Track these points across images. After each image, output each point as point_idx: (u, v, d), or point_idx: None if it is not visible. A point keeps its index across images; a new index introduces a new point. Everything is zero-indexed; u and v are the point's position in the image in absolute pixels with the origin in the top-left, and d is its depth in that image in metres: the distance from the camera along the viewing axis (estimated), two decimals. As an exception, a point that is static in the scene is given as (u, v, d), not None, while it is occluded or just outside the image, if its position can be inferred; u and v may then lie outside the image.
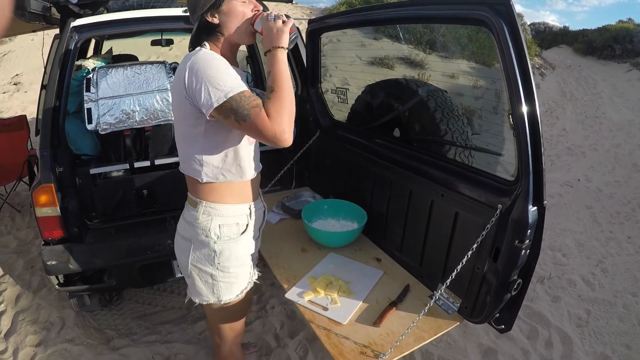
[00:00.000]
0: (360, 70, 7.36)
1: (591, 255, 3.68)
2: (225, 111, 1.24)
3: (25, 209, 4.22)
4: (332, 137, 2.60)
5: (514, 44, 1.36)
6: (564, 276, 3.31)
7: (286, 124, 1.25)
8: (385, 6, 1.86)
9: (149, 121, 2.41)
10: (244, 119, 1.23)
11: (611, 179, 5.63)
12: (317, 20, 2.36)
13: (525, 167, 1.38)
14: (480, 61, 8.40)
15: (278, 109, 1.25)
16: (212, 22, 1.37)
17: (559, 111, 9.41)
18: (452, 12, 1.58)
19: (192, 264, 1.51)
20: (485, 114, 2.74)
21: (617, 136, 7.75)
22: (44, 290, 2.96)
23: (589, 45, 17.14)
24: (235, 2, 1.36)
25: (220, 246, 1.48)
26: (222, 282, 1.53)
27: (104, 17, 2.44)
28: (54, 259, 2.23)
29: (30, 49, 9.42)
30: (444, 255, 1.77)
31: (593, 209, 4.67)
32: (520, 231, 1.42)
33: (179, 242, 1.57)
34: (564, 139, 7.49)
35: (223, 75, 1.26)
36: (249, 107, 1.23)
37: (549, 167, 6.00)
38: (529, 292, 2.97)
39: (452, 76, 5.77)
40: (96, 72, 2.42)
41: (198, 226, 1.47)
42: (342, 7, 14.38)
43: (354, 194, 2.33)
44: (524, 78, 1.36)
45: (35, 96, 7.62)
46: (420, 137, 2.31)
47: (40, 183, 2.18)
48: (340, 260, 2.03)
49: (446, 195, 1.73)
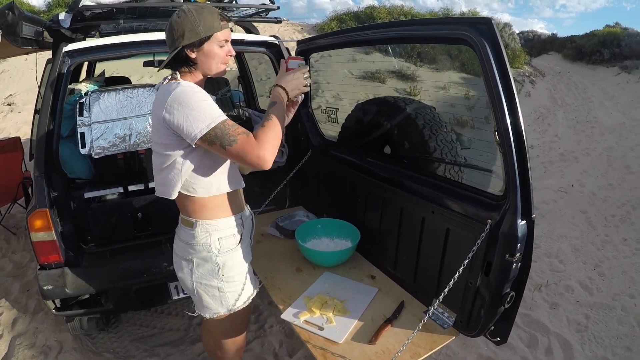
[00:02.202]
0: (352, 85, 7.44)
1: (588, 260, 3.70)
2: (209, 139, 1.35)
3: (20, 232, 4.19)
4: (323, 156, 2.62)
5: (497, 62, 1.39)
6: (561, 282, 3.32)
7: (270, 150, 1.40)
8: (370, 27, 1.90)
9: (142, 144, 2.43)
10: (230, 144, 1.35)
11: (605, 183, 5.67)
12: (306, 41, 2.41)
13: (513, 182, 1.40)
14: (471, 72, 8.50)
15: (268, 137, 1.41)
16: (190, 57, 1.46)
17: (551, 117, 9.49)
18: (436, 33, 1.62)
19: (196, 281, 1.59)
20: (476, 123, 2.78)
21: (608, 139, 7.81)
22: (41, 313, 2.94)
23: (577, 51, 17.37)
24: (215, 45, 1.47)
25: (223, 258, 1.57)
26: (229, 291, 1.62)
27: (96, 41, 2.46)
28: (51, 284, 2.23)
29: (24, 69, 9.43)
30: (437, 270, 1.78)
31: (588, 213, 4.70)
32: (511, 245, 1.44)
33: (179, 264, 1.64)
34: (556, 145, 7.54)
35: (203, 106, 1.36)
36: (234, 134, 1.36)
37: (543, 174, 6.04)
38: (527, 300, 3.00)
39: (443, 87, 5.84)
40: (89, 96, 2.44)
41: (197, 244, 1.55)
42: (333, 23, 14.58)
43: (347, 212, 2.35)
44: (508, 95, 1.38)
45: (29, 117, 7.65)
46: (410, 155, 2.34)
47: (35, 208, 2.18)
48: (335, 279, 2.04)
49: (437, 211, 1.75)
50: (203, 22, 1.42)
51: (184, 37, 1.41)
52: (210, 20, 1.44)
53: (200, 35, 1.42)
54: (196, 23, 1.41)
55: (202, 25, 1.42)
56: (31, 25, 2.51)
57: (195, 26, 1.41)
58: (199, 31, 1.42)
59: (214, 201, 1.55)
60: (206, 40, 1.45)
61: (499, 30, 2.96)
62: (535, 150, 7.14)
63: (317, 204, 2.73)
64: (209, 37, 1.45)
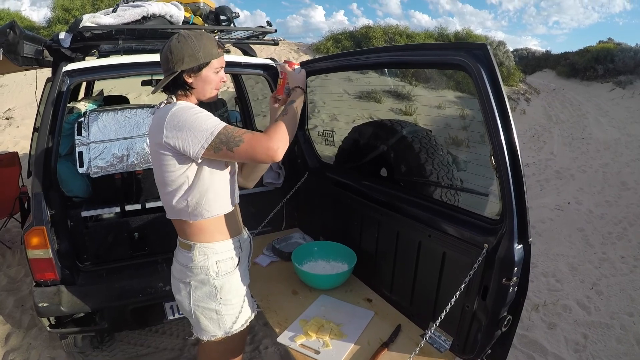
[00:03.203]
0: (348, 105, 7.49)
1: (585, 279, 3.70)
2: (215, 146, 1.38)
3: (15, 246, 4.18)
4: (320, 179, 2.64)
5: (493, 87, 1.41)
6: (558, 302, 3.32)
7: (280, 141, 1.41)
8: (367, 51, 1.92)
9: (140, 165, 2.44)
10: (237, 144, 1.37)
11: (601, 200, 5.70)
12: (303, 64, 2.42)
13: (509, 207, 1.41)
14: (466, 90, 8.57)
15: (279, 129, 1.43)
16: (187, 81, 1.50)
17: (546, 135, 9.56)
18: (432, 58, 1.64)
19: (194, 304, 1.60)
20: (472, 143, 2.79)
21: (604, 156, 7.87)
22: (35, 329, 2.92)
23: (571, 67, 17.57)
24: (211, 71, 1.52)
25: (220, 281, 1.58)
26: (227, 314, 1.62)
27: (96, 62, 2.49)
28: (46, 301, 2.22)
29: (23, 84, 9.48)
30: (433, 294, 1.78)
31: (585, 231, 4.71)
32: (507, 269, 1.44)
33: (177, 286, 1.64)
34: (552, 162, 7.58)
35: (202, 118, 1.40)
36: (239, 135, 1.38)
37: (539, 192, 6.06)
38: (525, 320, 2.99)
39: (438, 107, 5.88)
40: (87, 116, 2.45)
41: (195, 267, 1.56)
42: (329, 42, 14.68)
43: (343, 235, 2.36)
44: (504, 120, 1.40)
45: (27, 131, 7.67)
46: (406, 178, 2.35)
47: (32, 225, 2.18)
48: (331, 302, 2.04)
49: (433, 235, 1.76)
50: (203, 49, 1.46)
51: (183, 62, 1.44)
52: (209, 47, 1.48)
53: (200, 61, 1.46)
54: (196, 49, 1.45)
55: (202, 51, 1.46)
56: (32, 44, 2.55)
57: (196, 52, 1.45)
58: (199, 57, 1.46)
59: (211, 224, 1.56)
60: (204, 67, 1.49)
61: (493, 49, 2.93)
62: (531, 168, 7.18)
63: (314, 226, 2.73)
64: (207, 63, 1.48)
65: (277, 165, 2.92)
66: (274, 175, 2.90)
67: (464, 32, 15.71)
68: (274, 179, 2.89)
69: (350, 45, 14.87)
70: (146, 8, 2.47)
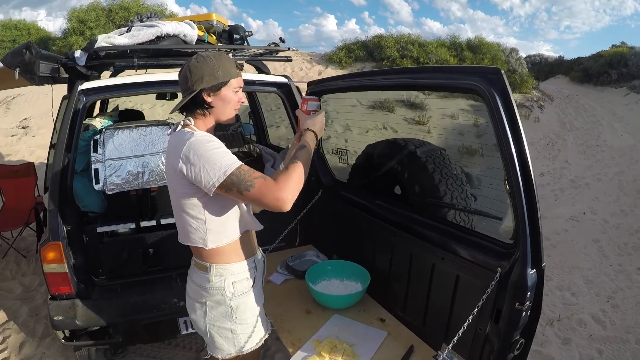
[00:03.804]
0: (361, 114, 7.47)
1: (601, 292, 3.65)
2: (226, 186, 1.37)
3: (30, 255, 4.25)
4: (334, 196, 2.64)
5: (507, 112, 1.40)
6: (573, 316, 3.28)
7: (291, 192, 1.38)
8: (381, 72, 1.93)
9: (155, 182, 2.47)
10: (247, 189, 1.36)
11: (617, 209, 5.61)
12: (316, 82, 2.45)
13: (523, 232, 1.40)
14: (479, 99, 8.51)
15: (290, 178, 1.41)
16: (206, 100, 1.51)
17: (560, 143, 9.45)
18: (446, 82, 1.64)
19: (209, 323, 1.62)
20: (486, 153, 2.76)
21: (619, 163, 7.76)
22: (48, 339, 2.97)
23: (585, 73, 17.35)
24: (230, 90, 1.53)
25: (236, 302, 1.60)
26: (242, 333, 1.64)
27: (111, 81, 2.53)
28: (61, 314, 2.26)
29: (39, 94, 9.64)
30: (446, 315, 1.78)
31: (600, 242, 4.65)
32: (521, 294, 1.43)
33: (192, 306, 1.66)
34: (567, 171, 7.49)
35: (218, 154, 1.39)
36: (251, 179, 1.37)
37: (554, 202, 6.00)
38: (539, 335, 2.95)
39: (451, 116, 5.85)
40: (103, 134, 2.50)
41: (212, 287, 1.58)
42: (342, 52, 14.67)
43: (356, 253, 2.36)
44: (518, 145, 1.39)
45: (43, 140, 7.80)
46: (420, 199, 2.34)
47: (49, 240, 2.23)
48: (344, 322, 2.04)
49: (447, 258, 1.75)
50: (222, 68, 1.49)
51: (202, 81, 1.47)
52: (228, 66, 1.51)
53: (219, 79, 1.48)
54: (215, 68, 1.48)
55: (220, 70, 1.48)
56: (47, 63, 2.59)
57: (215, 71, 1.47)
58: (218, 76, 1.48)
59: (228, 247, 1.58)
60: (223, 86, 1.51)
61: (505, 56, 2.85)
62: (546, 178, 7.11)
63: (328, 244, 2.73)
64: (226, 82, 1.50)
65: None
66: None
67: (476, 40, 15.44)
68: None
69: (362, 54, 14.82)
70: (160, 28, 2.51)
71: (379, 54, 14.49)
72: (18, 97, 10.01)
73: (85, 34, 12.61)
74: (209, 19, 2.88)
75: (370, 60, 14.73)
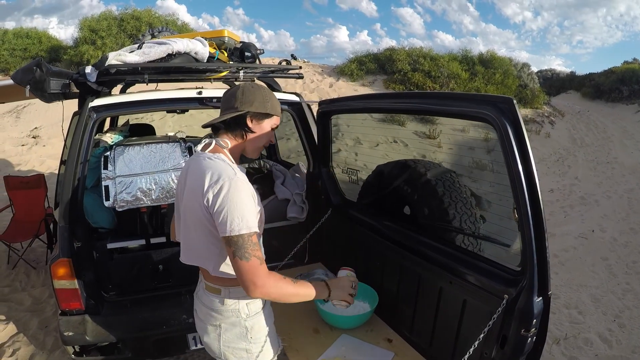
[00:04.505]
0: (372, 128, 7.47)
1: (608, 311, 3.63)
2: (229, 241, 1.38)
3: (40, 266, 4.27)
4: (343, 216, 2.65)
5: (517, 142, 1.40)
6: (580, 335, 3.25)
7: (270, 290, 1.41)
8: (393, 96, 1.95)
9: (165, 199, 2.48)
10: (241, 257, 1.37)
11: (626, 227, 5.57)
12: (328, 102, 2.47)
13: (530, 260, 1.41)
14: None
15: (279, 285, 1.44)
16: (248, 125, 1.56)
17: (571, 159, 9.40)
18: (457, 109, 1.65)
19: (224, 345, 1.61)
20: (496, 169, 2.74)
21: (629, 180, 7.71)
22: (58, 351, 2.97)
23: (596, 89, 17.30)
24: (270, 125, 1.62)
25: (251, 322, 1.60)
26: (256, 352, 1.64)
27: (121, 97, 2.56)
28: (71, 330, 2.28)
29: (49, 104, 9.71)
30: (453, 337, 1.78)
31: (608, 260, 4.62)
32: (527, 321, 1.43)
33: (204, 328, 1.65)
34: (576, 188, 7.45)
35: (246, 212, 1.40)
36: (251, 252, 1.38)
37: (563, 219, 5.96)
38: (545, 354, 2.92)
39: (462, 130, 5.85)
40: (113, 150, 2.53)
41: (226, 310, 1.57)
42: (353, 65, 14.60)
43: (365, 273, 2.34)
44: (528, 175, 1.39)
45: (53, 150, 7.88)
46: (428, 222, 2.34)
47: (59, 256, 2.25)
48: (352, 342, 2.04)
49: (454, 282, 1.76)
50: (271, 101, 1.58)
51: (252, 105, 1.53)
52: (276, 103, 1.60)
53: (267, 110, 1.56)
54: (267, 99, 1.56)
55: (270, 102, 1.57)
56: (58, 79, 2.60)
57: (266, 101, 1.55)
58: (267, 106, 1.56)
59: None
60: (267, 117, 1.58)
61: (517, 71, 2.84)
62: (556, 194, 7.07)
63: (336, 262, 2.69)
64: (270, 115, 1.59)
65: (301, 200, 2.94)
66: (297, 209, 2.92)
67: (488, 54, 15.34)
68: (297, 214, 2.91)
69: (374, 67, 14.76)
70: (171, 46, 2.53)
71: (390, 67, 14.44)
72: (29, 106, 10.09)
73: (96, 43, 12.74)
74: (221, 35, 2.91)
75: (382, 73, 14.69)
